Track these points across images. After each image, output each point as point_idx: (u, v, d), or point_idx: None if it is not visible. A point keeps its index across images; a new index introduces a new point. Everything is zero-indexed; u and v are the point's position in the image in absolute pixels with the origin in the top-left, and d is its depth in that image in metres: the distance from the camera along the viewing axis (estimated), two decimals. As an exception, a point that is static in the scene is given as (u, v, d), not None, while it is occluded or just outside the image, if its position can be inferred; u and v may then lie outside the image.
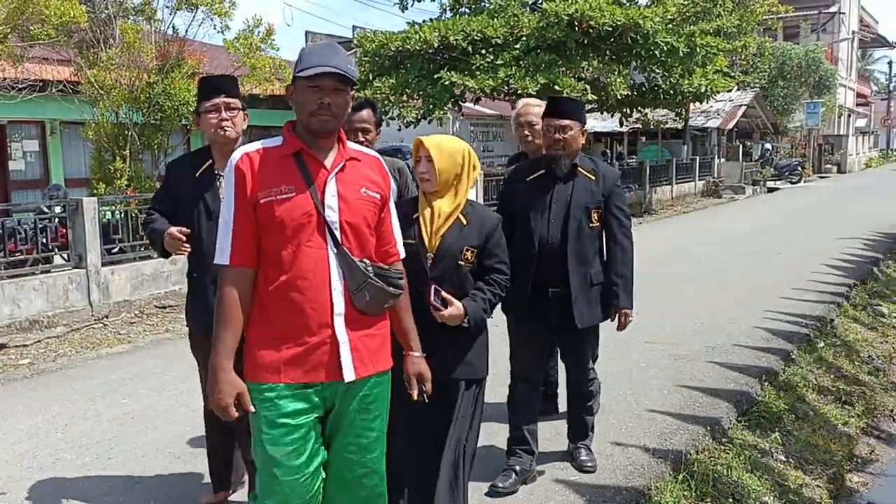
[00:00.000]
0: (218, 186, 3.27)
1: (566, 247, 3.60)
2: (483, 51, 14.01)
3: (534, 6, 15.57)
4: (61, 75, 10.84)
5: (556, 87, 13.11)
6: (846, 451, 4.83)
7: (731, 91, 22.20)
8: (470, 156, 3.01)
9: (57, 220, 8.08)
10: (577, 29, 13.58)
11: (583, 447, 3.97)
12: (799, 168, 28.26)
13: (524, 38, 13.98)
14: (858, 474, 4.68)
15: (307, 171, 2.29)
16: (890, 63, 52.81)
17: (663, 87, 15.32)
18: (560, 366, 4.32)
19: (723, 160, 25.26)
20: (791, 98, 30.61)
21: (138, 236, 8.20)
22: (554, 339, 3.87)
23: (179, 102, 9.67)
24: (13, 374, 6.10)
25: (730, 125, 24.84)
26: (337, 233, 2.29)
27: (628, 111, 16.84)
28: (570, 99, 4.20)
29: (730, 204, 21.08)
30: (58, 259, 8.14)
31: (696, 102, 16.88)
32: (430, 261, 2.93)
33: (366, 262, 2.34)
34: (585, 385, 3.91)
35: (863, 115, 48.72)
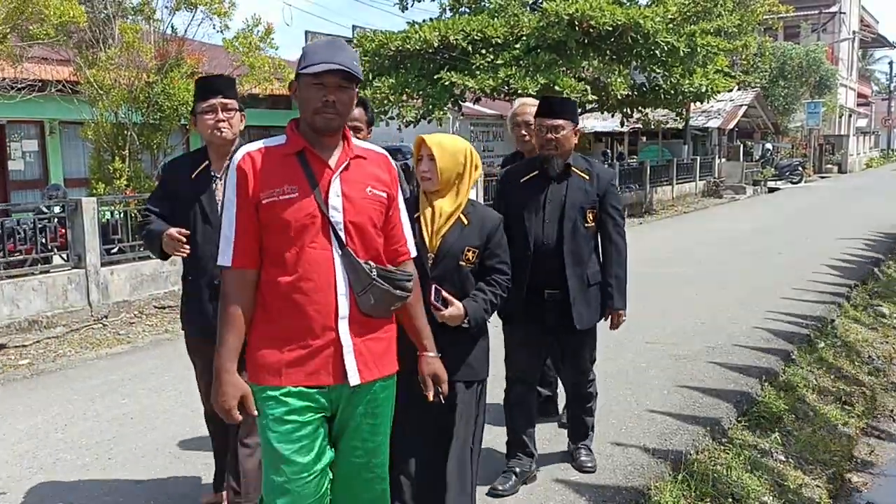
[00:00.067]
0: (214, 188, 3.24)
1: (562, 247, 3.58)
2: (483, 50, 13.99)
3: (534, 6, 15.56)
4: (60, 75, 10.83)
5: (557, 87, 13.10)
6: (846, 451, 4.82)
7: (731, 91, 22.19)
8: (472, 155, 2.98)
9: (56, 220, 8.08)
10: (577, 29, 13.57)
11: (583, 447, 3.96)
12: (799, 168, 28.25)
13: (524, 38, 13.97)
14: (858, 474, 4.67)
15: (311, 171, 2.24)
16: (890, 63, 52.89)
17: (664, 86, 15.30)
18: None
19: (723, 160, 25.25)
20: (792, 98, 30.61)
21: (137, 236, 8.19)
22: (552, 340, 3.82)
23: (178, 102, 9.66)
24: (13, 375, 6.10)
25: (730, 125, 24.82)
26: (341, 233, 2.24)
27: (629, 111, 16.83)
28: (563, 98, 4.18)
29: (730, 204, 21.07)
30: (57, 259, 8.14)
31: (697, 102, 16.88)
32: (430, 261, 2.92)
33: (371, 263, 2.28)
34: (585, 386, 3.89)
35: (863, 116, 48.71)
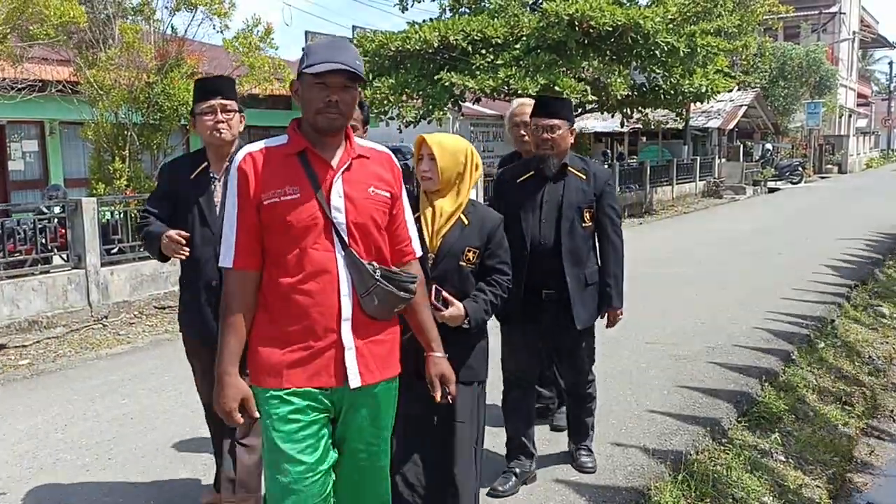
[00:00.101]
0: (213, 190, 3.23)
1: (560, 248, 3.56)
2: (483, 51, 13.98)
3: (534, 6, 15.55)
4: (61, 75, 10.82)
5: (557, 87, 13.09)
6: (846, 451, 4.82)
7: (731, 91, 22.19)
8: (473, 155, 2.97)
9: (56, 220, 8.08)
10: (577, 29, 13.56)
11: (583, 448, 3.96)
12: (799, 168, 28.24)
13: (524, 38, 13.96)
14: (858, 474, 4.67)
15: (312, 171, 2.22)
16: (890, 63, 52.89)
17: (664, 87, 15.29)
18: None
19: (723, 160, 25.24)
20: (792, 98, 30.61)
21: (137, 237, 8.18)
22: (551, 340, 3.78)
23: (179, 102, 9.65)
24: (13, 375, 6.10)
25: (730, 125, 24.82)
26: (344, 234, 2.22)
27: (629, 111, 16.82)
28: (558, 98, 4.17)
29: (730, 204, 21.07)
30: (57, 259, 8.14)
31: (697, 102, 16.87)
32: (430, 261, 2.91)
33: (374, 264, 2.25)
34: (584, 387, 3.87)
35: (863, 116, 48.72)
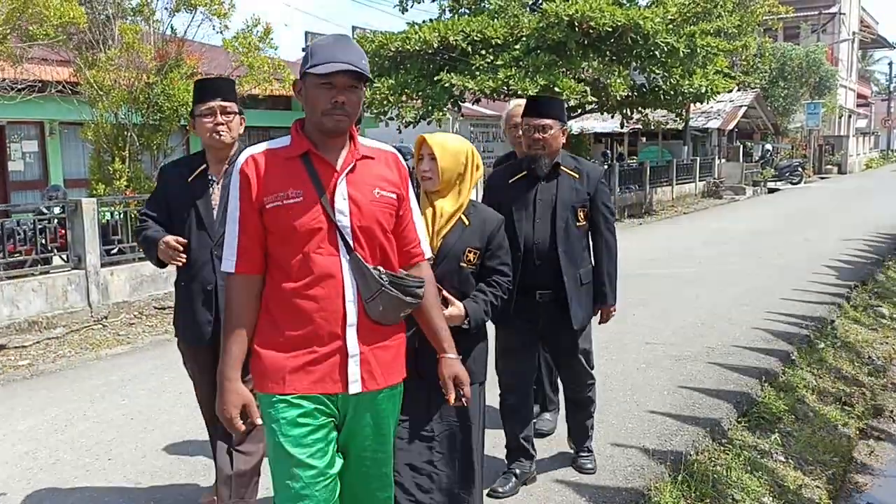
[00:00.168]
0: (211, 193, 3.20)
1: (555, 248, 3.55)
2: (483, 51, 13.98)
3: (534, 7, 15.56)
4: (60, 76, 10.82)
5: (557, 88, 13.10)
6: (846, 451, 4.82)
7: (731, 92, 22.21)
8: (473, 155, 2.95)
9: (56, 220, 8.09)
10: (577, 30, 13.57)
11: (583, 448, 3.96)
12: (799, 169, 28.24)
13: (524, 39, 13.97)
14: (858, 475, 4.67)
15: (315, 174, 2.17)
16: (890, 64, 53.03)
17: (664, 87, 15.29)
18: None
19: (723, 161, 25.24)
20: (791, 99, 30.61)
21: (136, 240, 8.18)
22: (546, 342, 3.76)
23: (178, 103, 9.66)
24: (13, 375, 6.10)
25: (730, 126, 24.83)
26: (349, 238, 2.17)
27: (629, 112, 16.83)
28: (550, 98, 4.17)
29: (730, 205, 21.07)
30: (57, 260, 8.13)
31: (697, 103, 16.88)
32: (431, 261, 2.90)
33: (380, 269, 2.20)
34: (584, 392, 3.83)
35: (863, 116, 48.75)
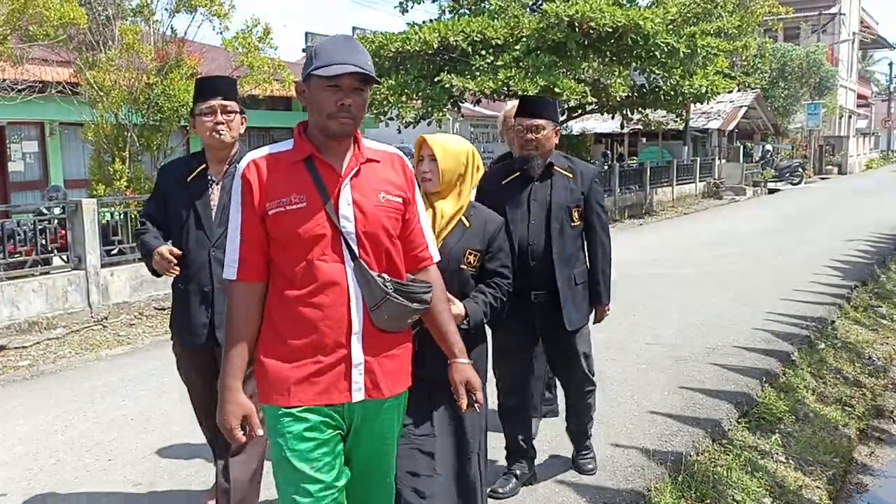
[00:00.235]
0: (210, 193, 3.17)
1: (551, 249, 3.53)
2: (483, 52, 13.98)
3: (534, 7, 15.57)
4: (61, 76, 10.82)
5: (557, 88, 13.10)
6: (846, 452, 4.82)
7: (731, 92, 22.21)
8: (474, 157, 2.93)
9: (56, 221, 8.08)
10: (577, 30, 13.57)
11: (583, 449, 3.96)
12: (800, 169, 28.24)
13: (524, 40, 13.97)
14: (858, 475, 4.67)
15: (319, 179, 2.11)
16: (890, 64, 52.98)
17: (664, 88, 15.30)
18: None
19: (723, 161, 25.24)
20: (792, 99, 30.60)
21: (136, 243, 8.17)
22: (544, 344, 3.74)
23: (179, 103, 9.66)
24: (13, 376, 6.10)
25: (730, 126, 24.83)
26: (353, 245, 2.11)
27: (629, 112, 16.82)
28: (543, 98, 4.17)
29: (730, 205, 21.07)
30: (57, 260, 8.13)
31: (697, 103, 16.88)
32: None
33: (385, 276, 2.14)
34: (584, 398, 3.81)
35: (863, 117, 48.74)
